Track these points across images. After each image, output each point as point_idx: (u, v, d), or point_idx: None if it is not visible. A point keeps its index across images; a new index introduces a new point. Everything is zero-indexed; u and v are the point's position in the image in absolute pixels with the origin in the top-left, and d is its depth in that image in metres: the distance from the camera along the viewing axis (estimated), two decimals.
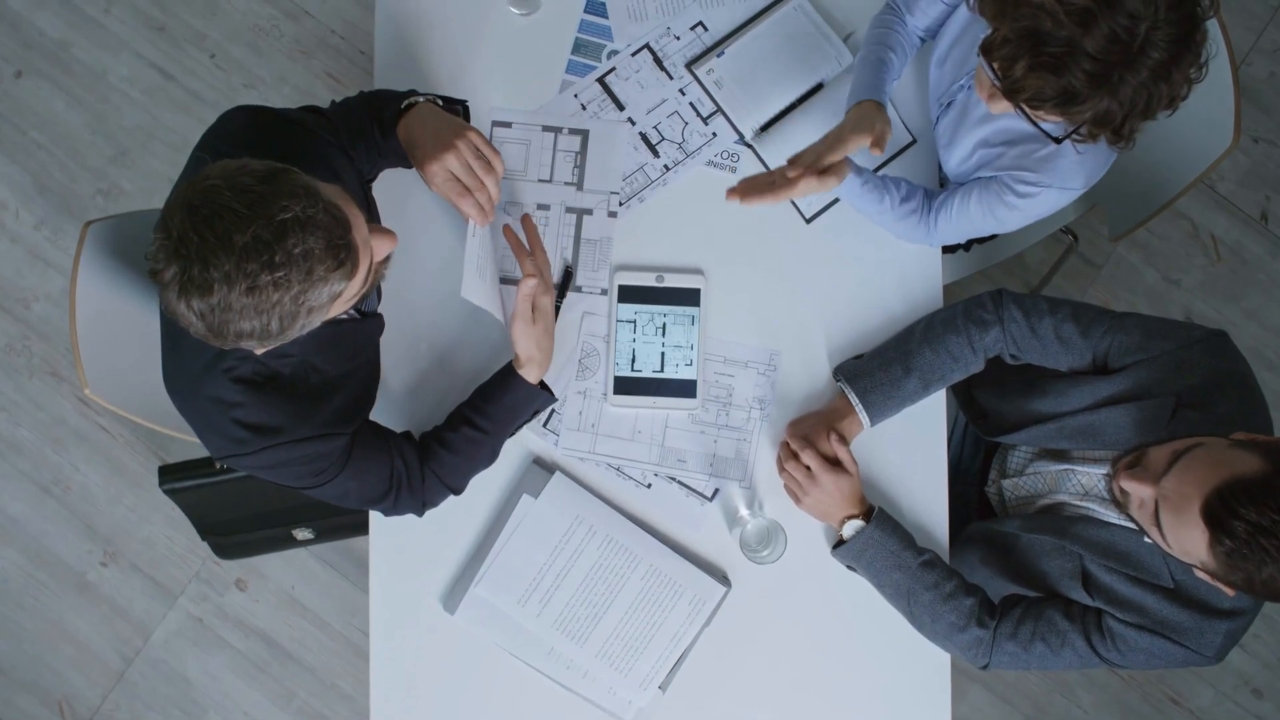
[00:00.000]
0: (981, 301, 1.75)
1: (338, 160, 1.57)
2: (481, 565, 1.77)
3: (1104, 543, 1.62)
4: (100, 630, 2.64)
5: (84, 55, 2.75)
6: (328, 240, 1.26)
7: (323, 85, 2.75)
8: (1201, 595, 1.56)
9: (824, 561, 1.79)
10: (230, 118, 1.53)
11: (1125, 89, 1.40)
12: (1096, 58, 1.38)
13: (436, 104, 1.69)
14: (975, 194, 1.72)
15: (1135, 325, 1.65)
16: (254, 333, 1.26)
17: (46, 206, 2.72)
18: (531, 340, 1.67)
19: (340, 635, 2.63)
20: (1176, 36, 1.38)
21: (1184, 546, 1.40)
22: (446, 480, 1.69)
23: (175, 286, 1.22)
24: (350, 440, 1.57)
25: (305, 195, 1.25)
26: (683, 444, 1.81)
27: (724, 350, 1.83)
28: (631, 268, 1.85)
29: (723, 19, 1.92)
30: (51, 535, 2.66)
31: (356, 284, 1.34)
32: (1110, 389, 1.64)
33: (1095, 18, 1.37)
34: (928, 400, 1.79)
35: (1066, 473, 1.73)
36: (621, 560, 1.77)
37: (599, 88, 1.90)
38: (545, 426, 1.82)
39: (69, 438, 2.67)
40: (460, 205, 1.63)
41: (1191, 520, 1.37)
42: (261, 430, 1.46)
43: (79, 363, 1.79)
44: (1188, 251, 2.72)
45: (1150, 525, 1.45)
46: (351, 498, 1.61)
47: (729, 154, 1.89)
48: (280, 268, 1.22)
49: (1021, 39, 1.41)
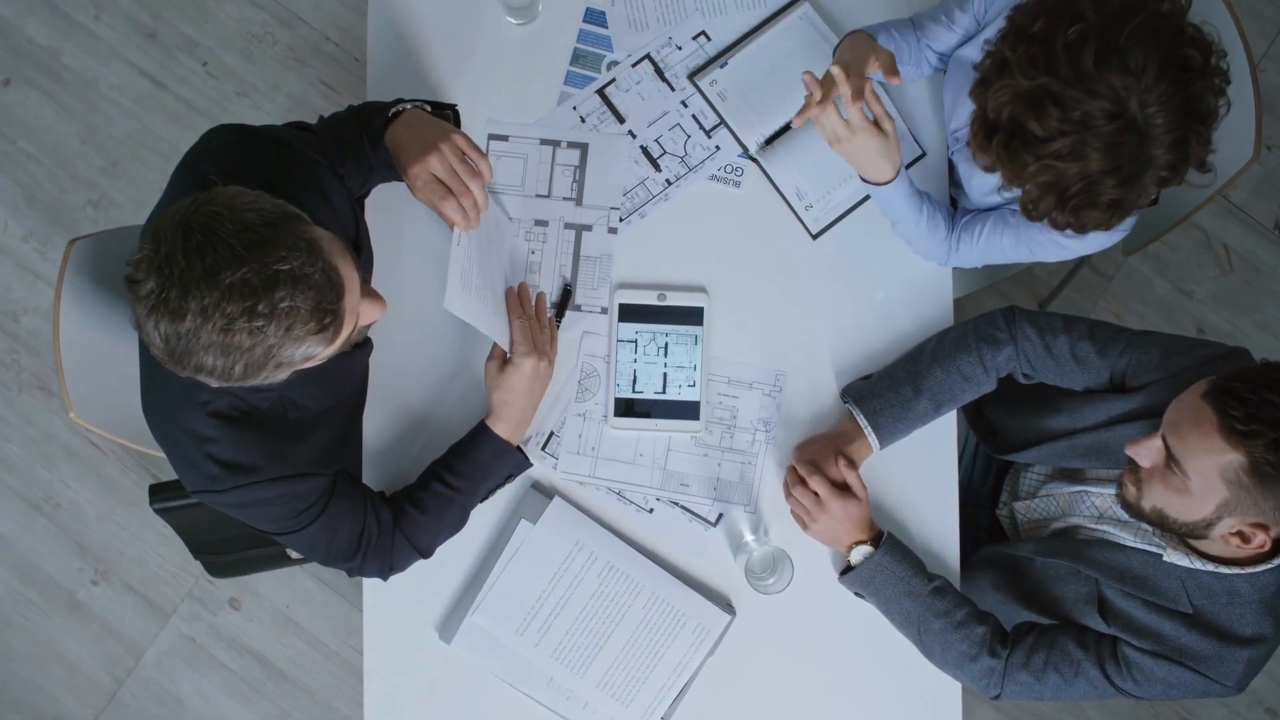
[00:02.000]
0: (993, 319, 1.71)
1: (327, 180, 1.52)
2: (478, 593, 1.72)
3: (1121, 567, 1.58)
4: (91, 650, 2.60)
5: (73, 63, 2.70)
6: (317, 302, 1.22)
7: (317, 93, 2.70)
8: (1221, 621, 1.51)
9: (832, 588, 1.74)
10: (214, 136, 1.48)
11: (1162, 158, 1.40)
12: (1114, 169, 1.39)
13: (425, 110, 1.63)
14: (1012, 226, 1.67)
15: (1154, 343, 1.61)
16: (214, 370, 1.22)
17: (36, 218, 2.68)
18: (497, 387, 1.64)
19: (336, 655, 2.59)
20: (1172, 84, 1.36)
21: (1203, 462, 1.35)
22: (416, 541, 1.64)
23: (148, 303, 1.18)
24: (330, 484, 1.52)
25: (307, 250, 1.21)
26: (685, 467, 1.77)
27: (728, 371, 1.79)
28: (632, 286, 1.80)
29: (726, 28, 1.87)
30: (41, 553, 2.61)
31: (334, 348, 1.30)
32: (1125, 406, 1.60)
33: (1084, 142, 1.37)
34: (938, 421, 1.74)
35: (1080, 494, 1.68)
36: (623, 588, 1.73)
37: (598, 99, 1.85)
38: (544, 450, 1.77)
39: (59, 454, 2.63)
40: (442, 209, 1.56)
41: (1198, 413, 1.35)
42: (236, 468, 1.41)
43: (63, 385, 1.75)
44: (1200, 262, 2.67)
45: (1166, 481, 1.40)
46: (320, 552, 1.57)
47: (733, 168, 1.84)
48: (260, 318, 1.18)
49: (1045, 194, 1.45)
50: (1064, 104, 1.37)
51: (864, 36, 1.68)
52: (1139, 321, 2.65)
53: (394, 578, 1.70)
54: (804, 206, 1.82)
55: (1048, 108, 1.38)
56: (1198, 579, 1.52)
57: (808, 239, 1.83)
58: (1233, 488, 1.35)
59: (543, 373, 1.67)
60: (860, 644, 1.74)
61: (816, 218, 1.82)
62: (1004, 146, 1.45)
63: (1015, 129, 1.43)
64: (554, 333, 1.73)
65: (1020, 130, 1.42)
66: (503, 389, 1.65)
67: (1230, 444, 1.32)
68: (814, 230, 1.83)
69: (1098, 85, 1.36)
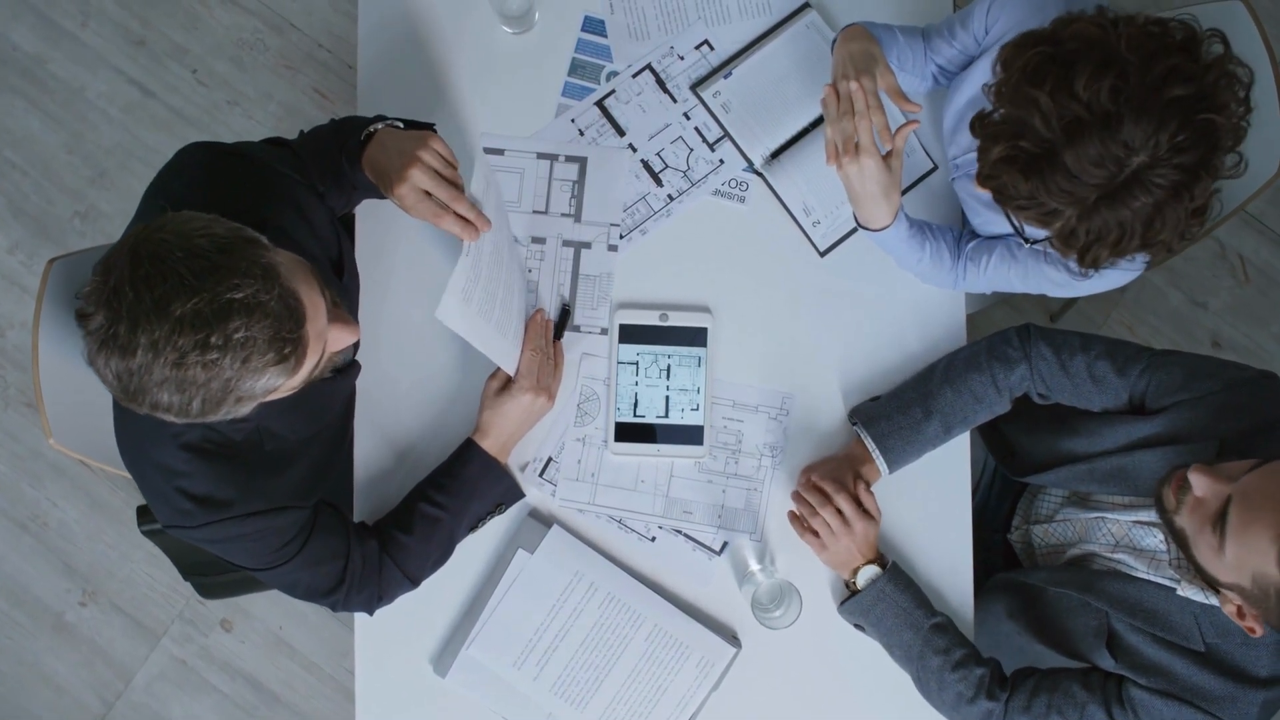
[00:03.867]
0: (1007, 338, 1.65)
1: (305, 199, 1.46)
2: (474, 625, 1.67)
3: (1132, 600, 1.52)
4: (79, 673, 2.55)
5: (60, 71, 2.64)
6: (274, 331, 1.15)
7: (310, 102, 2.64)
8: (1236, 661, 1.45)
9: (841, 622, 1.69)
10: (186, 155, 1.42)
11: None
12: (1073, 174, 1.27)
13: (398, 127, 1.57)
14: (1020, 260, 1.60)
15: (1176, 364, 1.55)
16: (171, 407, 1.16)
17: (21, 230, 2.62)
18: (492, 406, 1.60)
19: (330, 678, 2.54)
20: (1175, 182, 1.26)
21: (1245, 555, 1.27)
22: (404, 566, 1.59)
23: (97, 339, 1.12)
24: (310, 517, 1.47)
25: (262, 277, 1.15)
26: (689, 494, 1.71)
27: (733, 394, 1.73)
28: (633, 305, 1.74)
29: (730, 37, 1.81)
30: (28, 573, 2.56)
31: (299, 378, 1.24)
32: (1148, 430, 1.53)
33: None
34: (952, 442, 1.68)
35: (1097, 521, 1.62)
36: (624, 619, 1.68)
37: (597, 111, 1.78)
38: (542, 476, 1.71)
39: (46, 472, 2.57)
40: (441, 225, 1.48)
41: (1273, 519, 1.25)
42: (209, 503, 1.35)
43: (42, 409, 1.69)
44: (1215, 273, 2.61)
45: (1203, 528, 1.32)
46: (301, 588, 1.51)
47: (737, 183, 1.78)
48: (214, 350, 1.12)
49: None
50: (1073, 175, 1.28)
51: (865, 39, 1.57)
52: (1152, 334, 2.59)
53: (386, 611, 1.65)
54: (811, 223, 1.76)
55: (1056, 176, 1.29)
56: (1212, 615, 1.46)
57: (815, 257, 1.77)
58: (1256, 588, 1.29)
59: (540, 408, 1.64)
60: (870, 682, 1.68)
61: (824, 234, 1.76)
62: (1014, 207, 1.37)
63: (1022, 198, 1.33)
64: (561, 371, 1.69)
65: (1028, 199, 1.32)
66: (496, 411, 1.62)
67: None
68: (822, 248, 1.77)
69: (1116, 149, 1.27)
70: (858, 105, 1.47)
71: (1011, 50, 1.34)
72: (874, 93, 1.48)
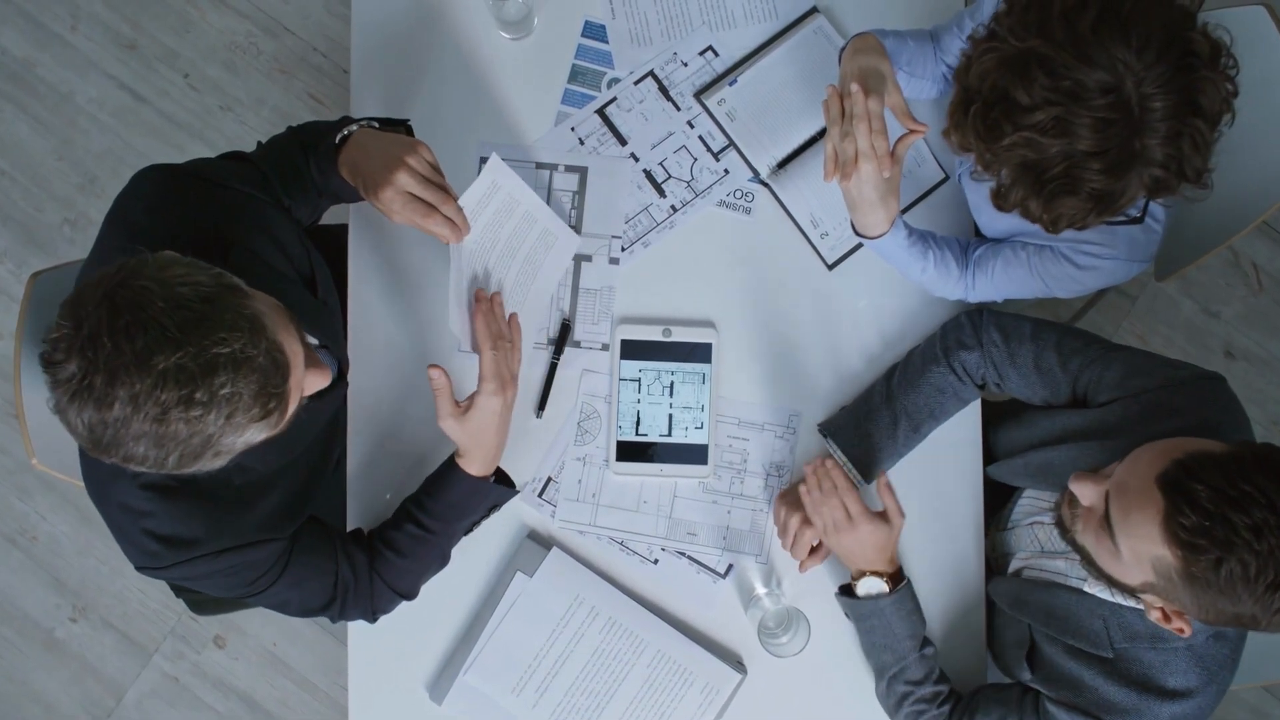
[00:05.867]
0: (960, 323, 1.63)
1: (272, 217, 1.42)
2: (471, 650, 1.63)
3: (1047, 607, 1.46)
4: (70, 690, 2.50)
5: (49, 75, 2.59)
6: (260, 386, 1.11)
7: (304, 107, 2.59)
8: (1144, 669, 1.37)
9: (851, 649, 1.65)
10: (143, 179, 1.38)
11: (1155, 152, 1.24)
12: (1100, 151, 1.23)
13: (374, 127, 1.52)
14: (1023, 260, 1.55)
15: (1120, 360, 1.48)
16: (145, 460, 1.11)
17: (9, 237, 2.57)
18: (463, 434, 1.50)
19: (325, 695, 2.50)
20: (1175, 68, 1.21)
21: (1136, 544, 1.20)
22: (395, 585, 1.54)
23: (69, 388, 1.07)
24: (288, 545, 1.42)
25: (249, 330, 1.10)
26: (693, 515, 1.67)
27: (738, 411, 1.68)
28: (635, 320, 1.70)
29: (735, 43, 1.76)
30: (17, 589, 2.52)
31: (279, 430, 1.19)
32: (1076, 423, 1.48)
33: (1072, 117, 1.21)
34: (968, 448, 1.65)
35: (1030, 527, 1.58)
36: (626, 644, 1.63)
37: (598, 120, 1.74)
38: (541, 497, 1.66)
39: (34, 485, 2.53)
40: (428, 227, 1.45)
41: (1147, 496, 1.17)
42: (176, 543, 1.31)
43: (24, 429, 1.64)
44: (1228, 281, 2.56)
45: (1099, 535, 1.25)
46: (292, 607, 1.47)
47: (743, 193, 1.73)
48: (199, 406, 1.07)
49: (1020, 179, 1.29)
50: (1054, 70, 1.22)
51: (875, 53, 1.53)
52: (1164, 344, 2.54)
53: (381, 635, 1.61)
54: (819, 235, 1.72)
55: (1035, 72, 1.23)
56: (1120, 617, 1.38)
57: (823, 269, 1.72)
58: (1160, 578, 1.20)
59: (510, 401, 1.52)
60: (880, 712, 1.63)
61: (832, 247, 1.71)
62: (981, 117, 1.28)
63: (997, 97, 1.26)
64: (519, 341, 1.56)
65: (1002, 98, 1.26)
66: (469, 434, 1.51)
67: (1169, 544, 1.17)
68: (830, 260, 1.72)
69: (1094, 53, 1.21)
70: (859, 127, 1.44)
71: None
72: (879, 115, 1.45)
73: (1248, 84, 1.30)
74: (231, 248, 1.35)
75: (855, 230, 1.57)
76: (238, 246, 1.35)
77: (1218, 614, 1.18)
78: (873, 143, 1.44)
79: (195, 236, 1.32)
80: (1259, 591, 1.13)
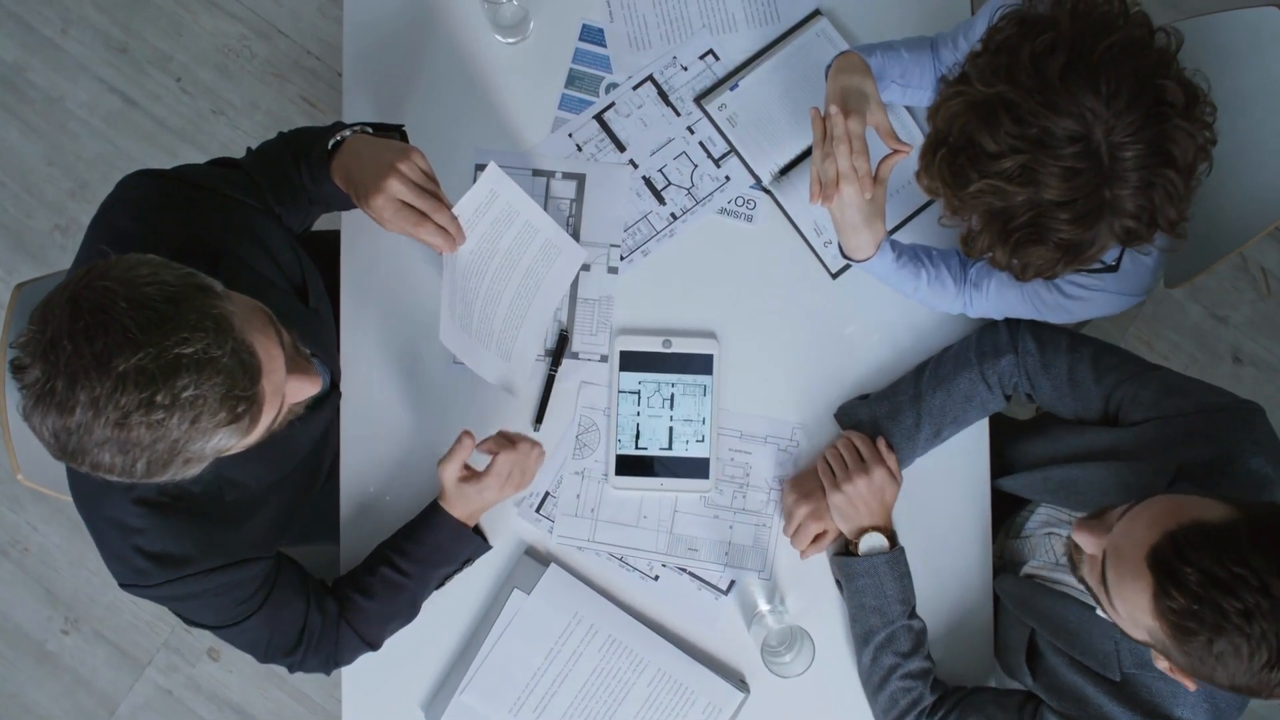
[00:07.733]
0: (996, 328, 1.60)
1: (262, 225, 1.39)
2: (467, 669, 1.60)
3: (1057, 617, 1.44)
4: (62, 703, 2.48)
5: (39, 79, 2.56)
6: (226, 389, 1.07)
7: (298, 111, 2.56)
8: (1152, 696, 1.34)
9: (854, 666, 1.60)
10: (129, 186, 1.35)
11: (1126, 203, 1.21)
12: (1068, 201, 1.20)
13: (367, 133, 1.49)
14: (1015, 285, 1.52)
15: (1156, 379, 1.45)
16: (113, 468, 1.07)
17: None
18: (455, 491, 1.48)
19: (320, 708, 2.47)
20: (1146, 116, 1.19)
21: (1130, 611, 1.16)
22: (363, 632, 1.51)
23: (33, 394, 1.04)
24: (273, 567, 1.39)
25: (214, 330, 1.06)
26: (694, 530, 1.63)
27: (740, 424, 1.65)
28: (635, 331, 1.67)
29: (736, 47, 1.72)
30: (8, 601, 2.49)
31: (255, 436, 1.15)
32: (1106, 441, 1.45)
33: (1038, 165, 1.19)
34: (976, 453, 1.62)
35: (1046, 537, 1.55)
36: (626, 663, 1.60)
37: (596, 126, 1.70)
38: (539, 512, 1.63)
39: (25, 495, 2.50)
40: (420, 235, 1.42)
41: (1137, 570, 1.13)
42: (166, 561, 1.27)
43: (9, 443, 1.60)
44: (1235, 285, 2.53)
45: (1098, 588, 1.22)
46: (260, 648, 1.43)
47: (744, 200, 1.69)
48: (159, 409, 1.03)
49: (987, 227, 1.27)
50: (1021, 118, 1.19)
51: (858, 72, 1.50)
52: (1171, 349, 2.51)
53: (376, 656, 1.57)
54: (823, 243, 1.69)
55: (1002, 119, 1.20)
56: (1132, 643, 1.34)
57: (827, 279, 1.69)
58: (1157, 643, 1.17)
59: (512, 492, 1.52)
60: None
61: (836, 255, 1.68)
62: (948, 163, 1.26)
63: (964, 142, 1.24)
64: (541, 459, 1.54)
65: (969, 144, 1.23)
66: (460, 494, 1.49)
67: (1159, 620, 1.13)
68: (834, 269, 1.69)
69: (1061, 101, 1.18)
70: (839, 149, 1.42)
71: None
72: (859, 136, 1.42)
73: (1258, 88, 1.27)
74: (221, 256, 1.32)
75: (843, 253, 1.55)
76: (227, 254, 1.32)
77: (1215, 684, 1.14)
78: (854, 164, 1.42)
79: (183, 244, 1.29)
80: (1255, 670, 1.09)
